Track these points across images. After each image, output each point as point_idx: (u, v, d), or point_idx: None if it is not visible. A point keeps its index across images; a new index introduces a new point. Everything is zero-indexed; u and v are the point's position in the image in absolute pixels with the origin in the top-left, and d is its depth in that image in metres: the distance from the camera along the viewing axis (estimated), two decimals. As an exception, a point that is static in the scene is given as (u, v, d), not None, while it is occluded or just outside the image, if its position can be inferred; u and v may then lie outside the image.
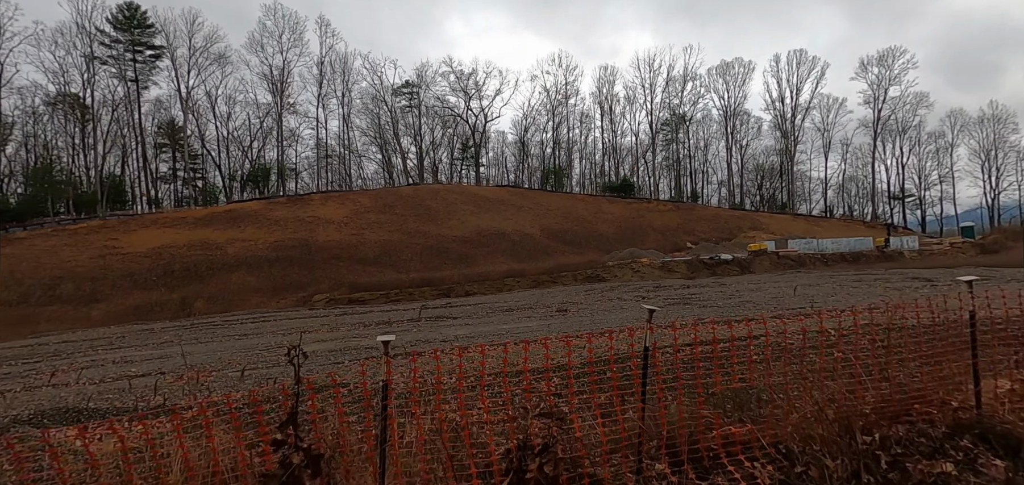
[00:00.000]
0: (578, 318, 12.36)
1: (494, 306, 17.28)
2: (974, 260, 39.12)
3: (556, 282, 37.79)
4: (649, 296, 17.19)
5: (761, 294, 16.20)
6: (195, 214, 52.51)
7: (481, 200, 67.65)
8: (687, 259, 42.19)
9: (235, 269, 41.88)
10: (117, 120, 60.75)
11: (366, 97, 76.52)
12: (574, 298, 18.14)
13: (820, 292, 15.80)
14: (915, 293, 15.63)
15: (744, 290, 17.53)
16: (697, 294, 17.04)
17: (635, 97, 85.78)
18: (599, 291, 22.33)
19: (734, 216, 74.38)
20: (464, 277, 36.82)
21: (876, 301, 11.84)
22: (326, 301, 33.26)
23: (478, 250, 52.99)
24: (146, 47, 62.09)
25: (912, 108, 77.76)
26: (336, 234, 51.76)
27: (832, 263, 41.69)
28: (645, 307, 3.45)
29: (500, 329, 11.10)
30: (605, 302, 16.30)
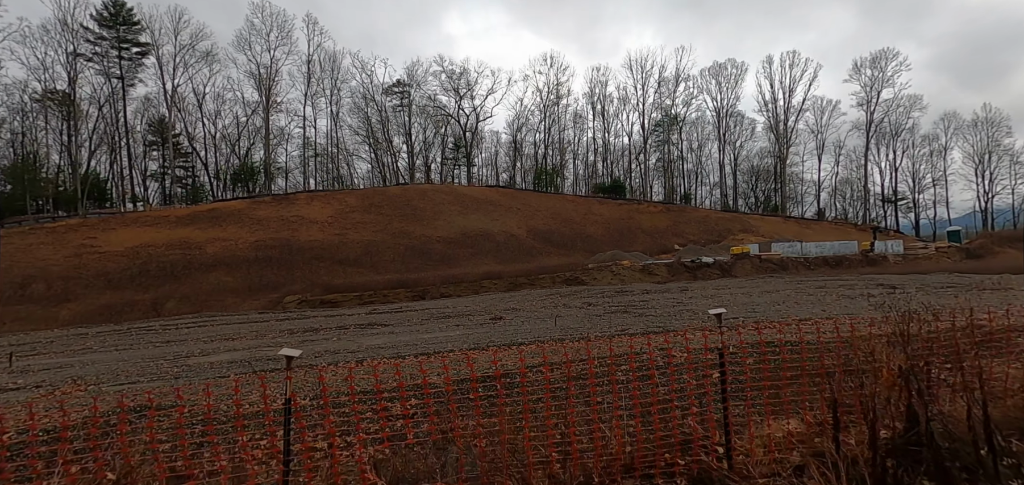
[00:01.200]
0: (506, 327, 11.96)
1: (434, 313, 16.85)
2: (958, 265, 38.72)
3: (534, 284, 37.42)
4: (597, 303, 16.73)
5: (714, 302, 15.78)
6: (177, 213, 52.19)
7: (469, 200, 67.28)
8: (668, 262, 41.80)
9: (212, 269, 41.53)
10: (103, 118, 60.45)
11: (356, 96, 76.25)
12: (523, 304, 17.66)
13: (774, 300, 15.39)
14: (862, 302, 15.23)
15: (700, 298, 17.12)
16: (647, 301, 16.61)
17: (628, 98, 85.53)
18: (562, 296, 21.94)
19: (724, 218, 73.94)
20: (440, 279, 36.47)
21: (781, 318, 11.44)
22: (298, 302, 32.93)
23: (462, 251, 52.62)
24: (132, 44, 61.78)
25: (905, 110, 77.35)
26: (319, 234, 51.42)
27: (815, 267, 41.28)
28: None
29: (420, 339, 10.72)
30: (550, 309, 15.90)
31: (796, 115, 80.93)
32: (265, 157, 66.75)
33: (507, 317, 14.05)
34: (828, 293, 17.60)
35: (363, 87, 75.38)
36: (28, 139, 58.48)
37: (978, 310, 5.44)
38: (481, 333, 11.11)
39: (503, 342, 9.39)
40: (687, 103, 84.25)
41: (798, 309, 12.84)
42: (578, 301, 17.82)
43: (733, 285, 25.07)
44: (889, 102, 76.68)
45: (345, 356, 9.09)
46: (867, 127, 77.65)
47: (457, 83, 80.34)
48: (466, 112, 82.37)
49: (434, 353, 8.30)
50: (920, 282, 21.51)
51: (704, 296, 18.13)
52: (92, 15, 58.10)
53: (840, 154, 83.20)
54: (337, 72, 71.70)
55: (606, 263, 41.38)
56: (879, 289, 19.80)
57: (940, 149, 78.51)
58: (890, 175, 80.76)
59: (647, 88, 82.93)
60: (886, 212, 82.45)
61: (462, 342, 9.68)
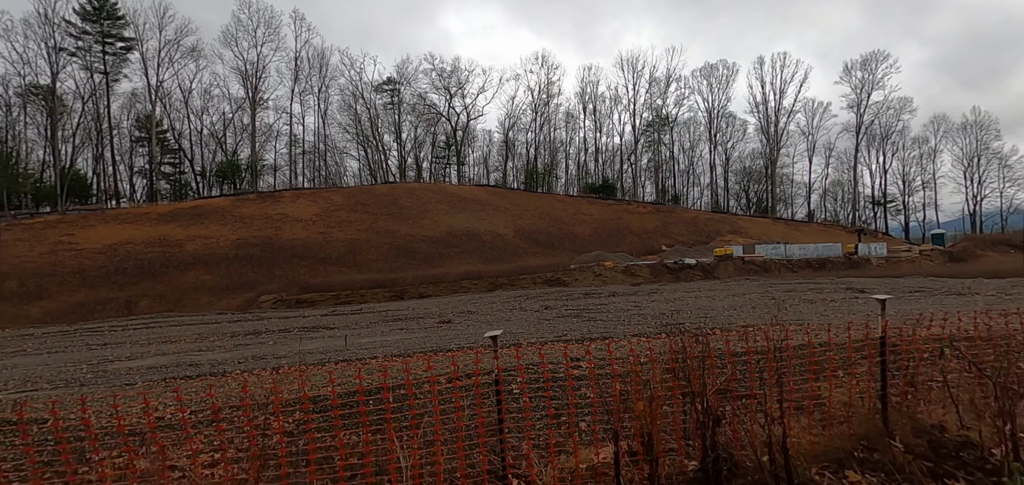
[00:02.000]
0: (454, 331, 11.67)
1: (390, 315, 16.50)
2: (937, 269, 38.63)
3: (514, 285, 37.12)
4: (555, 306, 16.44)
5: (676, 305, 15.52)
6: (158, 210, 51.68)
7: (458, 200, 66.93)
8: (651, 263, 41.58)
9: (191, 267, 41.12)
10: (86, 114, 59.85)
11: (346, 93, 75.78)
12: (482, 306, 17.27)
13: (734, 304, 15.12)
14: (817, 307, 15.00)
15: (663, 301, 16.84)
16: (607, 304, 16.31)
17: (619, 98, 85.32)
18: (530, 298, 21.65)
19: (713, 219, 73.83)
20: (420, 279, 36.15)
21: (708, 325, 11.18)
22: (273, 302, 32.55)
23: (447, 251, 52.31)
24: (116, 39, 61.17)
25: (896, 113, 77.40)
26: (303, 232, 51.01)
27: (797, 269, 41.14)
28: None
29: (359, 343, 10.41)
30: (507, 311, 15.59)
31: (787, 117, 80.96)
32: (252, 154, 66.24)
33: (457, 320, 13.74)
34: (794, 296, 17.38)
35: (352, 84, 74.96)
36: (9, 134, 57.83)
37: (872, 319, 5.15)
38: (419, 338, 10.81)
39: (434, 348, 9.09)
40: (678, 103, 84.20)
41: (745, 314, 12.59)
42: (538, 304, 17.53)
43: (705, 288, 24.85)
44: (879, 104, 76.79)
45: (271, 362, 8.79)
46: (857, 129, 77.73)
47: (448, 81, 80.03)
48: (457, 111, 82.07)
49: (355, 359, 8.02)
50: (891, 285, 21.32)
51: (668, 299, 17.88)
52: (75, 9, 57.49)
53: (830, 156, 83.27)
54: (325, 69, 71.24)
55: (588, 264, 41.13)
56: (848, 293, 19.60)
57: (930, 152, 78.68)
58: (880, 178, 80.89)
59: (638, 88, 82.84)
60: (876, 214, 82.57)
61: (393, 348, 9.38)
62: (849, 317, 11.57)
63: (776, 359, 3.02)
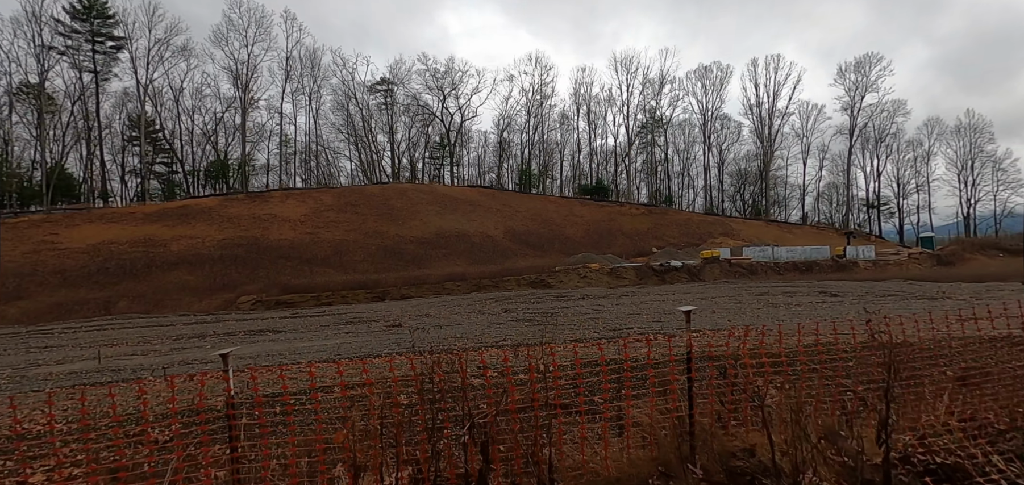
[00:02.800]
0: (398, 335, 11.43)
1: (345, 317, 16.28)
2: (926, 272, 38.40)
3: (498, 286, 36.91)
4: (515, 308, 16.20)
5: (642, 309, 15.27)
6: (145, 209, 51.48)
7: (449, 201, 66.72)
8: (637, 265, 41.35)
9: (174, 267, 40.88)
10: (74, 113, 59.68)
11: (338, 93, 75.57)
12: (441, 310, 17.00)
13: (703, 308, 14.89)
14: (779, 311, 14.76)
15: (629, 306, 16.58)
16: (569, 308, 16.07)
17: (613, 99, 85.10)
18: (499, 300, 21.38)
19: (706, 221, 73.58)
20: (401, 280, 35.93)
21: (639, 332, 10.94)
22: (252, 303, 32.32)
23: (435, 252, 52.06)
24: (107, 38, 60.98)
25: (889, 115, 77.16)
26: (290, 233, 50.80)
27: (784, 272, 40.90)
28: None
29: (299, 347, 10.18)
30: (465, 314, 15.33)
31: (781, 119, 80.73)
32: (242, 154, 66.01)
33: (408, 324, 13.50)
34: (763, 300, 17.14)
35: (345, 84, 74.76)
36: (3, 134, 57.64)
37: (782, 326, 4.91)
38: (358, 343, 10.56)
39: (367, 353, 8.85)
40: (673, 105, 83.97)
41: (702, 320, 12.37)
42: (500, 307, 17.29)
43: (680, 291, 24.61)
44: (873, 107, 76.55)
45: (197, 367, 8.56)
46: (851, 132, 77.46)
47: (441, 82, 79.81)
48: (450, 111, 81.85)
49: (268, 367, 7.79)
50: (866, 289, 21.07)
51: (636, 302, 17.63)
52: (65, 8, 57.31)
53: (824, 158, 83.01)
54: (318, 69, 71.01)
55: (574, 266, 40.89)
56: (819, 296, 19.36)
57: (924, 155, 78.41)
58: (874, 180, 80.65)
59: (632, 89, 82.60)
60: (870, 217, 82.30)
61: (326, 353, 9.14)
62: (784, 322, 11.30)
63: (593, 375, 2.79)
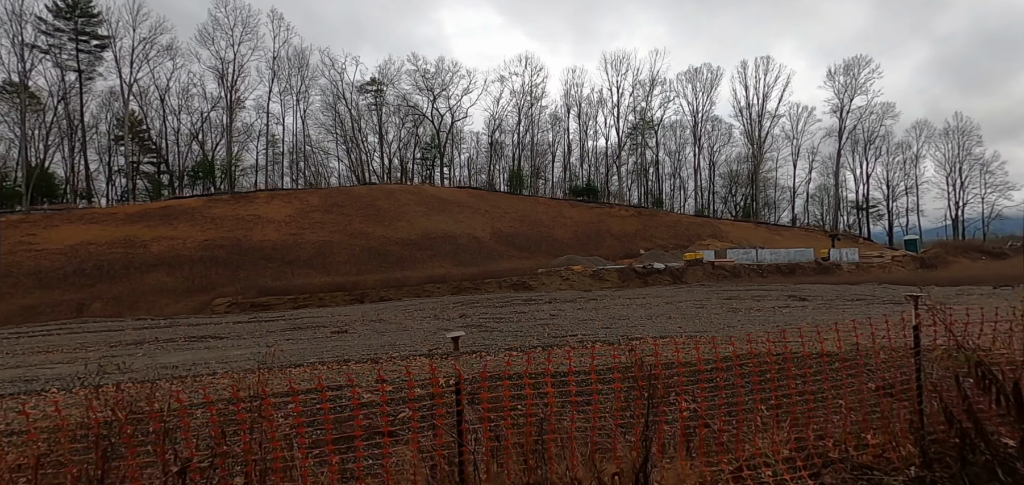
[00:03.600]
0: (345, 341, 11.19)
1: (300, 322, 15.98)
2: (908, 275, 38.41)
3: (479, 289, 36.67)
4: (472, 314, 15.96)
5: (594, 316, 15.04)
6: (127, 210, 51.02)
7: (437, 202, 66.46)
8: (620, 268, 41.20)
9: (153, 269, 40.48)
10: (57, 112, 59.14)
11: (327, 94, 75.20)
12: (398, 314, 16.65)
13: (661, 313, 14.69)
14: (740, 316, 14.59)
15: (593, 310, 16.38)
16: (526, 314, 15.84)
17: (604, 100, 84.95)
18: (466, 304, 21.13)
19: (695, 223, 73.58)
20: (380, 282, 35.67)
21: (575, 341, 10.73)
22: (227, 306, 31.99)
23: (420, 253, 51.78)
24: (91, 37, 60.48)
25: (879, 118, 77.40)
26: (274, 234, 50.42)
27: (767, 274, 40.83)
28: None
29: (230, 355, 9.93)
30: (420, 319, 15.10)
31: (770, 121, 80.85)
32: (228, 154, 65.57)
33: (355, 330, 13.25)
34: (731, 304, 16.98)
35: (333, 84, 74.39)
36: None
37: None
38: (296, 350, 10.33)
39: (289, 363, 8.60)
40: (663, 106, 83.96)
41: (653, 326, 12.18)
42: (457, 312, 17.06)
43: (653, 294, 24.45)
44: (862, 109, 76.76)
45: (115, 377, 8.30)
46: (839, 134, 77.65)
47: (431, 82, 79.53)
48: (440, 112, 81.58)
49: (186, 377, 7.54)
50: (838, 293, 20.95)
51: (600, 307, 17.43)
52: (47, 6, 56.81)
53: (814, 160, 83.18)
54: (305, 69, 70.64)
55: (556, 268, 40.70)
56: (791, 301, 19.23)
57: (913, 157, 78.68)
58: (863, 183, 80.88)
59: (623, 90, 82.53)
60: (860, 219, 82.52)
61: (244, 363, 8.87)
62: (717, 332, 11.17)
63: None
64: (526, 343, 9.79)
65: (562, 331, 11.45)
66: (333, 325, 14.39)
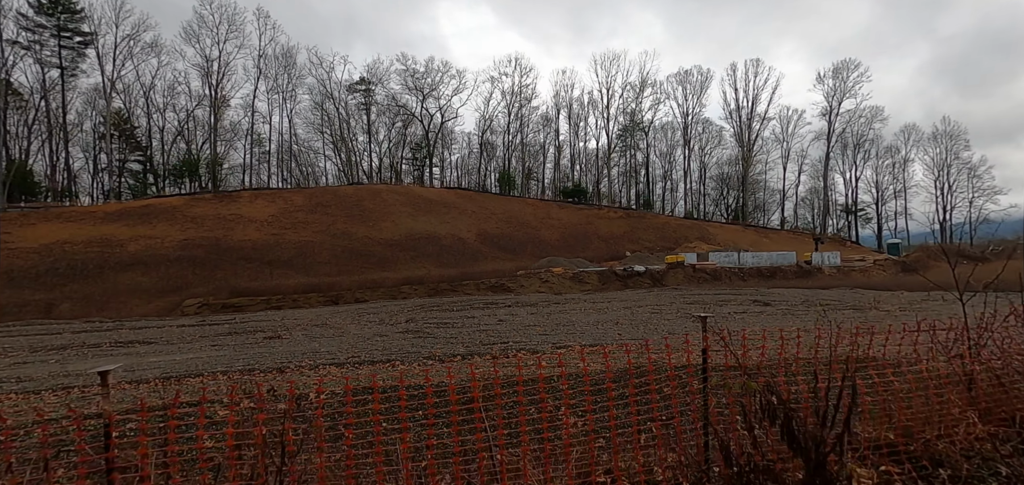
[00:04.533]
0: (272, 348, 10.85)
1: (235, 327, 15.66)
2: (889, 279, 38.24)
3: (455, 291, 36.35)
4: (421, 318, 15.64)
5: (546, 321, 14.75)
6: (106, 209, 50.49)
7: (423, 202, 66.09)
8: (600, 270, 40.94)
9: (129, 268, 40.00)
10: (38, 109, 58.55)
11: (315, 93, 74.76)
12: (344, 319, 16.26)
13: (611, 318, 14.41)
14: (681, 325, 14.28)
15: (548, 314, 16.08)
16: (474, 320, 15.50)
17: (595, 102, 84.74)
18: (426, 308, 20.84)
19: (684, 225, 73.39)
20: (356, 284, 35.31)
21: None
22: (198, 307, 31.58)
23: (403, 254, 51.42)
24: (74, 33, 59.92)
25: (867, 121, 77.42)
26: (255, 234, 49.97)
27: (748, 277, 40.61)
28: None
29: (148, 362, 9.60)
30: (365, 324, 14.77)
31: (760, 123, 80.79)
32: (212, 153, 65.07)
33: (289, 335, 12.91)
34: (691, 310, 16.70)
35: (322, 84, 73.95)
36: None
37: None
38: (219, 356, 9.99)
39: (189, 372, 8.27)
40: (654, 108, 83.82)
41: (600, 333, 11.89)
42: (403, 317, 16.72)
43: (619, 299, 24.18)
44: (851, 112, 76.78)
45: (9, 386, 7.98)
46: (828, 137, 77.67)
47: (421, 82, 79.16)
48: (430, 112, 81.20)
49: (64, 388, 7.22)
50: (805, 297, 20.73)
51: (556, 312, 17.15)
52: (29, 2, 56.25)
53: (803, 163, 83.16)
54: (292, 68, 70.19)
55: (536, 270, 40.42)
56: (755, 305, 18.98)
57: (901, 161, 78.74)
58: (853, 186, 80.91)
59: (612, 92, 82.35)
60: (849, 223, 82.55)
61: (150, 371, 8.55)
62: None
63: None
64: (451, 351, 9.47)
65: (496, 339, 11.14)
66: (270, 330, 14.02)
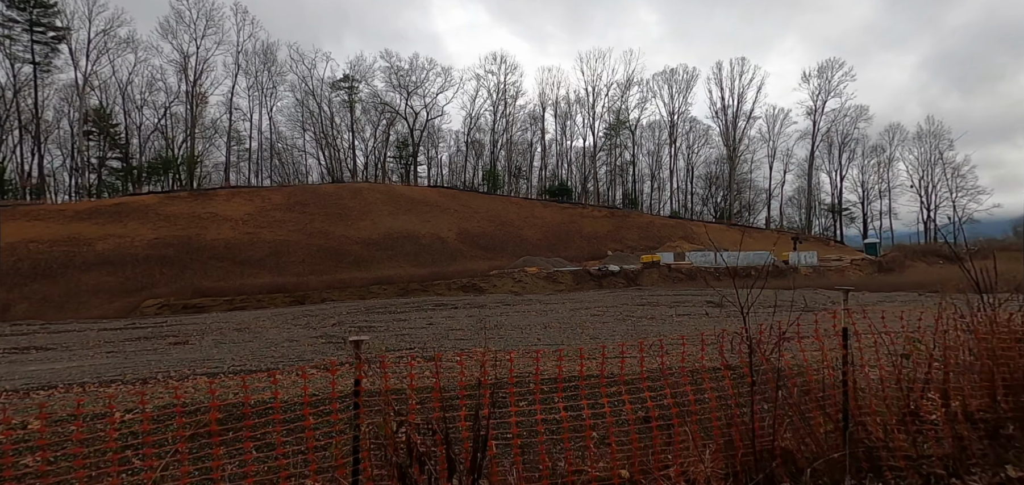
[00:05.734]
0: (169, 354, 10.34)
1: (138, 330, 15.09)
2: (864, 279, 38.11)
3: (427, 291, 35.87)
4: (346, 323, 15.13)
5: (499, 322, 14.32)
6: (77, 207, 49.64)
7: (405, 201, 65.51)
8: (574, 270, 40.56)
9: (94, 268, 39.24)
10: (7, 105, 57.48)
11: (297, 90, 73.91)
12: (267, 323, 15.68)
13: (558, 319, 13.99)
14: (619, 327, 13.91)
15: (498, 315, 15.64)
16: (407, 323, 15.04)
17: (582, 100, 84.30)
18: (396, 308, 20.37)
19: (668, 224, 73.19)
20: (324, 284, 34.74)
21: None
22: (158, 307, 30.93)
23: (381, 253, 50.85)
24: (47, 28, 58.89)
25: (852, 121, 77.48)
26: (229, 233, 49.23)
27: (723, 277, 40.25)
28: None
29: (21, 371, 9.07)
30: (287, 327, 14.28)
31: (746, 121, 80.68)
32: (190, 151, 64.18)
33: (195, 340, 12.39)
34: (642, 311, 16.33)
35: (304, 81, 73.11)
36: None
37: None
38: (106, 365, 9.48)
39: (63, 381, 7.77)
40: (640, 106, 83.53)
41: (526, 337, 11.46)
42: (332, 321, 16.21)
43: (589, 299, 23.78)
44: (836, 111, 76.79)
45: None
46: (813, 137, 77.67)
47: (405, 79, 78.45)
48: (415, 110, 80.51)
49: None
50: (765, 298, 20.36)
51: (505, 314, 16.71)
52: (-2, -4, 55.16)
53: (789, 161, 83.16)
54: (273, 64, 69.33)
55: (509, 270, 39.99)
56: (704, 307, 18.62)
57: (886, 160, 78.85)
58: (838, 185, 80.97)
59: (598, 90, 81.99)
60: (835, 222, 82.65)
61: (21, 381, 8.03)
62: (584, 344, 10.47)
63: None
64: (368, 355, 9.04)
65: (419, 342, 10.69)
66: (181, 335, 13.44)
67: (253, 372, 7.64)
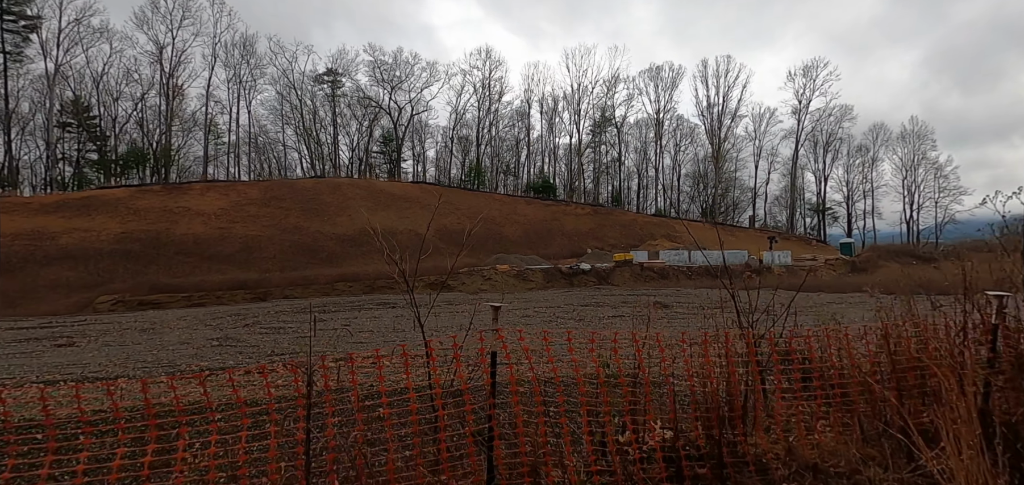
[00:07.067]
0: (51, 357, 9.79)
1: (57, 328, 14.53)
2: (837, 280, 37.82)
3: (392, 289, 35.28)
4: (263, 322, 14.60)
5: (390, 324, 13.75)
6: (42, 200, 48.67)
7: (385, 197, 64.83)
8: (545, 268, 40.10)
9: (55, 262, 38.40)
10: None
11: (278, 84, 72.91)
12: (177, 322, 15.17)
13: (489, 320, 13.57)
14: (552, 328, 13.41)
15: (402, 317, 15.15)
16: (304, 325, 14.45)
17: (569, 97, 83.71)
18: (329, 308, 19.80)
19: (651, 223, 72.90)
20: (287, 280, 34.10)
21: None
22: (113, 304, 30.20)
23: (355, 250, 50.17)
24: (17, 17, 57.64)
25: (837, 120, 77.38)
26: (200, 228, 48.44)
27: (696, 276, 40.00)
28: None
29: None
30: (191, 329, 13.71)
31: (731, 120, 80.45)
32: (166, 144, 63.14)
33: (83, 342, 11.80)
34: (584, 311, 15.88)
35: (285, 74, 72.11)
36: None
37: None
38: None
39: None
40: (626, 103, 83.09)
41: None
42: (246, 321, 15.62)
43: (544, 298, 23.34)
44: (821, 111, 76.67)
45: None
46: (797, 136, 77.56)
47: (389, 74, 77.60)
48: (399, 105, 79.69)
49: None
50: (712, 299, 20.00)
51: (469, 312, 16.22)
52: (-34, -17, 53.90)
53: (774, 160, 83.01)
54: (252, 56, 68.29)
55: (480, 268, 39.49)
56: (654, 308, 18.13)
57: (870, 160, 78.83)
58: (822, 184, 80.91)
59: (584, 87, 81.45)
60: (819, 221, 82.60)
61: None
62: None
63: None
64: (216, 364, 8.49)
65: (287, 350, 10.15)
66: (66, 335, 12.84)
67: (96, 381, 7.10)
